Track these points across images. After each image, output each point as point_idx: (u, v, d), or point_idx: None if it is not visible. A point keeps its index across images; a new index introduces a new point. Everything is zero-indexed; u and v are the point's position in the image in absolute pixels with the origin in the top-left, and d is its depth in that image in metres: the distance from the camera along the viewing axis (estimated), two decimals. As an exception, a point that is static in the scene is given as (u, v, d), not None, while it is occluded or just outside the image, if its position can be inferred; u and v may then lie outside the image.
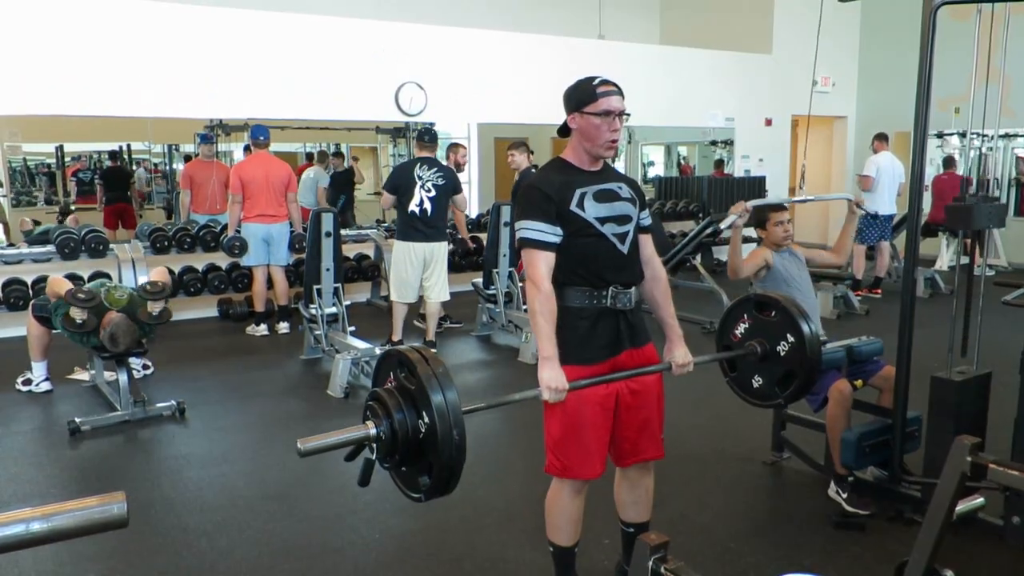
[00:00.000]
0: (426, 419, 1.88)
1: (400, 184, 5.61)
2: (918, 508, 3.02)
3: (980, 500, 2.18)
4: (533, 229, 2.28)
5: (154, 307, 4.43)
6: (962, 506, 2.03)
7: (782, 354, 2.68)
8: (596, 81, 2.35)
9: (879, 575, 2.68)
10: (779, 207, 3.74)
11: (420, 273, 5.74)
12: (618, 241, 2.37)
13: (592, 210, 2.33)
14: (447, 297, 5.99)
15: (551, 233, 2.28)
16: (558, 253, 2.30)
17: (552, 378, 2.21)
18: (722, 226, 3.57)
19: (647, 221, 2.49)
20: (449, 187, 5.68)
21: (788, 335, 2.66)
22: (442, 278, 5.87)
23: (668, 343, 2.54)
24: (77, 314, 4.32)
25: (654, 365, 2.46)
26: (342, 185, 9.48)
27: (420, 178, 5.58)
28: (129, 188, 9.32)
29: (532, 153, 6.43)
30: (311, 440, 1.87)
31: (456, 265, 7.50)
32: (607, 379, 2.34)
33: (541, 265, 2.28)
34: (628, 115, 2.39)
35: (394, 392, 1.96)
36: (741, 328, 2.81)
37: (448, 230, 6.06)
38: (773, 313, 2.72)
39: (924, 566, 1.98)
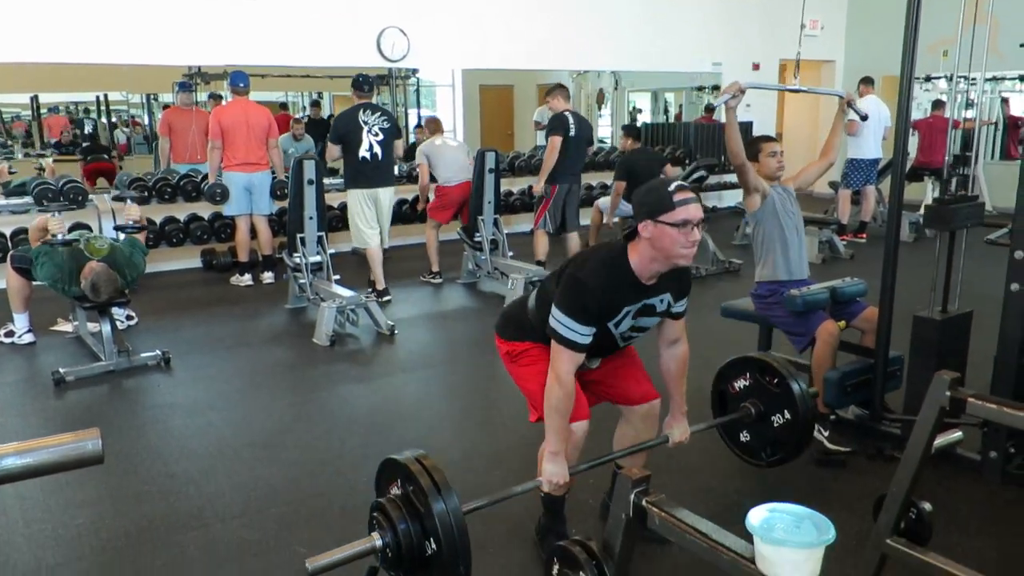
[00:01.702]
0: (433, 545, 1.94)
1: (346, 132, 5.67)
2: (898, 445, 3.06)
3: (958, 434, 2.22)
4: (569, 328, 2.20)
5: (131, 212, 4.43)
6: (940, 440, 2.06)
7: (775, 425, 2.79)
8: (672, 187, 2.17)
9: (859, 510, 2.72)
10: (770, 138, 3.69)
11: (375, 217, 5.88)
12: (621, 341, 2.39)
13: (624, 326, 2.32)
14: (386, 243, 6.16)
15: (587, 336, 2.22)
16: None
17: (555, 473, 2.30)
18: (715, 104, 3.51)
19: (680, 309, 2.44)
20: (394, 130, 5.83)
21: (785, 411, 2.76)
22: (385, 224, 6.03)
23: (671, 416, 2.60)
24: (56, 226, 4.28)
25: (647, 442, 2.57)
26: (323, 134, 9.36)
27: (366, 123, 5.65)
28: (110, 152, 9.20)
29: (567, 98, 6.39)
30: (320, 559, 1.93)
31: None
32: (599, 462, 2.51)
33: (568, 363, 2.23)
34: (706, 220, 2.26)
35: (399, 505, 2.02)
36: (741, 383, 2.90)
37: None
38: (775, 381, 2.80)
39: (902, 499, 2.02)
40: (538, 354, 2.41)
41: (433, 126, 6.73)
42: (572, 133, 6.04)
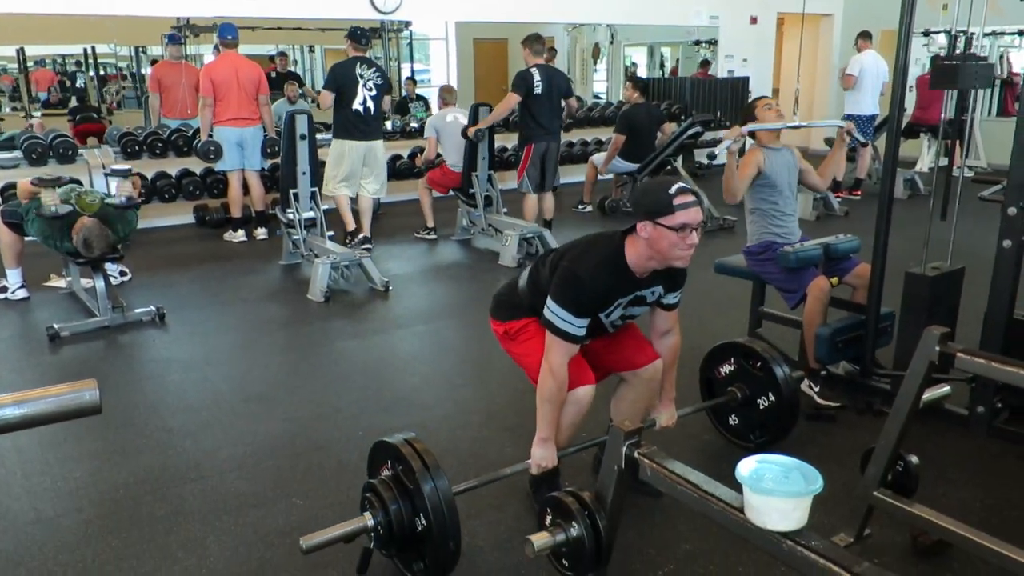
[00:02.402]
0: (423, 520, 1.99)
1: (343, 84, 5.73)
2: (888, 400, 3.09)
3: (946, 388, 2.25)
4: (563, 320, 2.21)
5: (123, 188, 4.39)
6: (929, 394, 2.09)
7: (761, 408, 2.84)
8: (672, 190, 2.14)
9: (848, 463, 2.77)
10: (762, 96, 3.70)
11: (360, 169, 5.95)
12: (611, 328, 2.42)
13: (614, 315, 2.34)
14: (383, 194, 6.31)
15: (580, 327, 2.23)
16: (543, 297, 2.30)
17: (544, 458, 2.36)
18: (716, 152, 3.50)
19: (673, 300, 2.45)
20: (386, 86, 5.96)
21: (769, 393, 2.80)
22: (381, 176, 6.13)
23: (659, 402, 2.62)
24: (50, 199, 4.22)
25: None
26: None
27: (362, 77, 5.73)
28: (99, 112, 9.07)
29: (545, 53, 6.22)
30: (313, 537, 1.99)
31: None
32: (586, 445, 2.55)
33: (562, 354, 2.24)
34: (705, 224, 2.25)
35: (391, 485, 2.07)
36: (726, 369, 2.95)
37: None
38: (759, 365, 2.84)
39: (890, 451, 2.05)
40: (535, 330, 2.43)
41: (447, 96, 6.57)
42: (539, 91, 5.76)
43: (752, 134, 3.55)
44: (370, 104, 5.77)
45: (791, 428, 2.89)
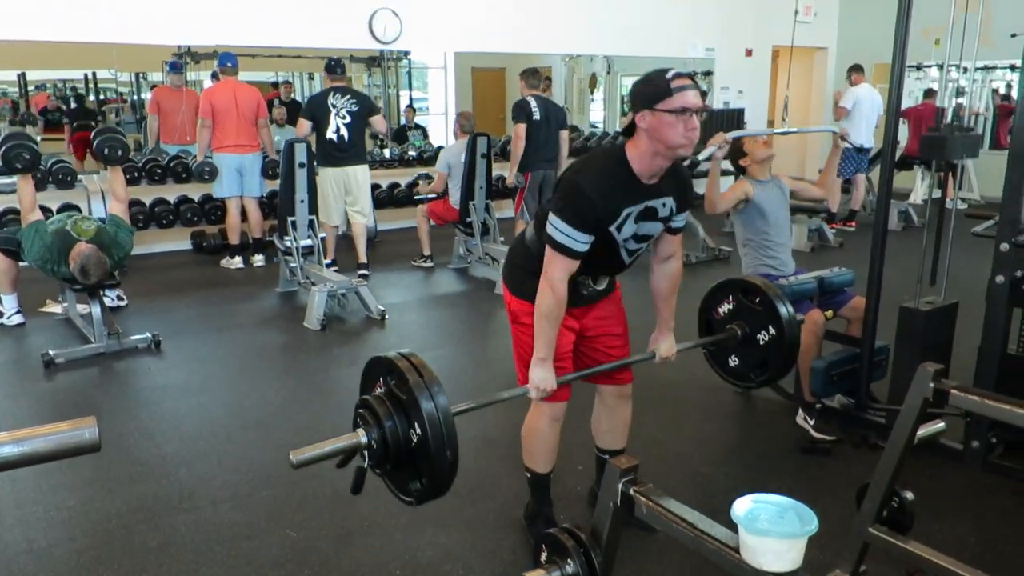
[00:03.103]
0: (418, 430, 1.90)
1: (315, 114, 5.91)
2: (883, 434, 3.10)
3: (940, 425, 2.25)
4: (565, 234, 2.13)
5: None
6: (923, 430, 2.09)
7: (761, 343, 2.74)
8: (670, 75, 2.08)
9: (844, 497, 2.76)
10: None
11: (342, 196, 6.05)
12: (627, 255, 2.32)
13: (627, 231, 2.22)
14: (370, 219, 6.38)
15: (583, 243, 2.15)
16: None
17: (543, 379, 2.25)
18: (700, 158, 3.53)
19: (680, 223, 2.38)
20: (363, 111, 6.00)
21: (770, 326, 2.71)
22: (364, 201, 6.21)
23: (657, 331, 2.57)
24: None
25: (634, 357, 2.53)
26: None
27: (334, 106, 5.88)
28: (95, 119, 9.09)
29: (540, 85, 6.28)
30: (303, 452, 1.88)
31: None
32: (589, 373, 2.44)
33: (562, 269, 2.17)
34: (707, 112, 2.20)
35: (384, 400, 1.96)
36: (725, 308, 2.85)
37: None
38: (757, 300, 2.75)
39: (885, 487, 2.05)
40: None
41: (464, 123, 6.41)
42: (536, 117, 5.88)
43: (743, 170, 3.60)
44: (343, 132, 5.92)
45: (792, 364, 2.79)
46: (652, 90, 2.09)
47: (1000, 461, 3.00)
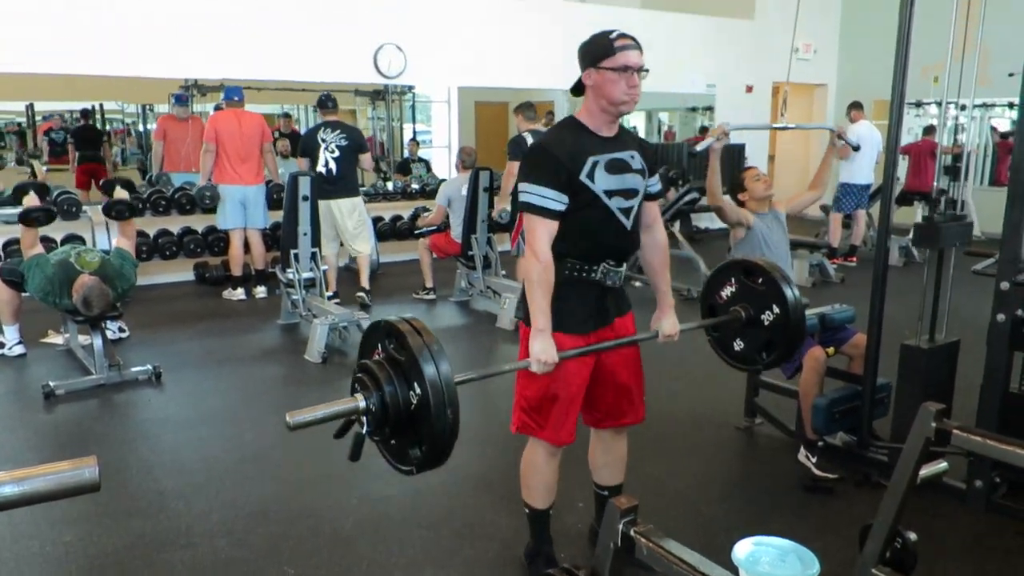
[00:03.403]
0: (418, 391, 1.84)
1: (306, 148, 6.12)
2: (885, 473, 3.08)
3: (943, 464, 2.23)
4: (538, 195, 2.17)
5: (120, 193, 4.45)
6: (926, 470, 2.08)
7: (766, 323, 2.66)
8: (613, 35, 2.18)
9: (846, 538, 2.74)
10: (749, 167, 3.79)
11: (333, 227, 6.17)
12: (623, 216, 2.30)
13: (602, 182, 2.23)
14: (366, 249, 6.46)
15: (557, 200, 2.17)
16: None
17: (543, 351, 2.18)
18: (698, 149, 3.56)
19: (655, 188, 2.41)
20: (353, 146, 6.13)
21: (774, 305, 2.64)
22: (359, 231, 6.33)
23: (658, 311, 2.54)
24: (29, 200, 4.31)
25: (638, 335, 2.46)
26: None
27: (323, 141, 6.04)
28: (101, 147, 9.18)
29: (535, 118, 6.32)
30: (300, 413, 1.81)
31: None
32: (595, 349, 2.33)
33: (543, 233, 2.18)
34: (647, 71, 2.22)
35: (384, 364, 1.90)
36: (727, 291, 2.77)
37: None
38: (760, 280, 2.69)
39: (888, 528, 2.04)
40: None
41: (466, 159, 6.43)
42: None
43: (742, 204, 3.62)
44: (332, 165, 6.06)
45: (799, 343, 2.73)
46: (596, 49, 2.20)
47: (1004, 501, 2.98)
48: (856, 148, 4.55)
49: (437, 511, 3.04)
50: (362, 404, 1.87)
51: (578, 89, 2.27)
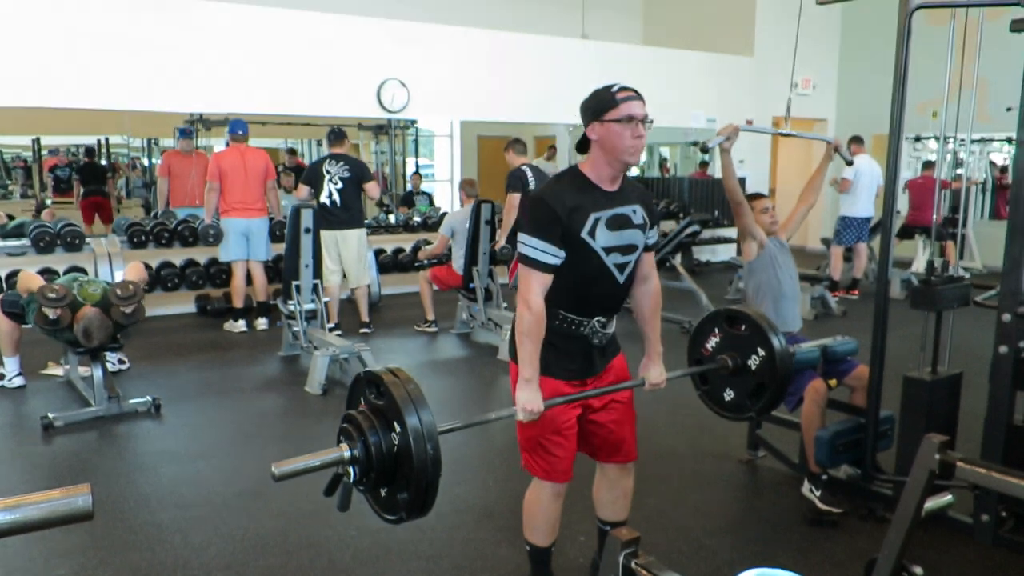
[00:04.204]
0: (400, 439, 1.87)
1: (310, 179, 6.21)
2: (890, 506, 3.05)
3: (949, 498, 2.21)
4: (535, 248, 2.18)
5: (126, 307, 4.37)
6: (931, 503, 2.06)
7: (753, 368, 2.67)
8: (615, 88, 2.21)
9: (851, 572, 2.70)
10: (760, 195, 3.75)
11: (336, 258, 6.22)
12: (618, 271, 2.31)
13: (602, 239, 2.24)
14: (366, 281, 6.49)
15: (553, 255, 2.18)
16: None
17: (529, 400, 2.21)
18: (710, 145, 3.55)
19: (653, 239, 2.42)
20: (355, 178, 6.17)
21: (759, 349, 2.66)
22: (356, 264, 6.33)
23: (646, 358, 2.54)
24: (49, 312, 4.25)
25: (626, 382, 2.47)
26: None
27: (328, 172, 6.10)
28: (106, 183, 9.24)
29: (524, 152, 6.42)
30: (285, 464, 1.84)
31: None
32: (582, 396, 2.34)
33: (536, 285, 2.19)
34: (651, 122, 2.24)
35: (368, 413, 1.94)
36: (712, 342, 2.80)
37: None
38: (743, 327, 2.71)
39: (893, 563, 2.01)
40: (545, 394, 2.30)
41: (468, 189, 6.52)
42: (531, 187, 5.99)
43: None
44: (336, 197, 6.11)
45: (787, 386, 2.70)
46: (599, 103, 2.21)
47: (1011, 536, 2.94)
48: (850, 163, 4.57)
49: (437, 543, 3.01)
50: (347, 454, 1.90)
51: (583, 146, 2.27)
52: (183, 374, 5.36)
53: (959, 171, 7.31)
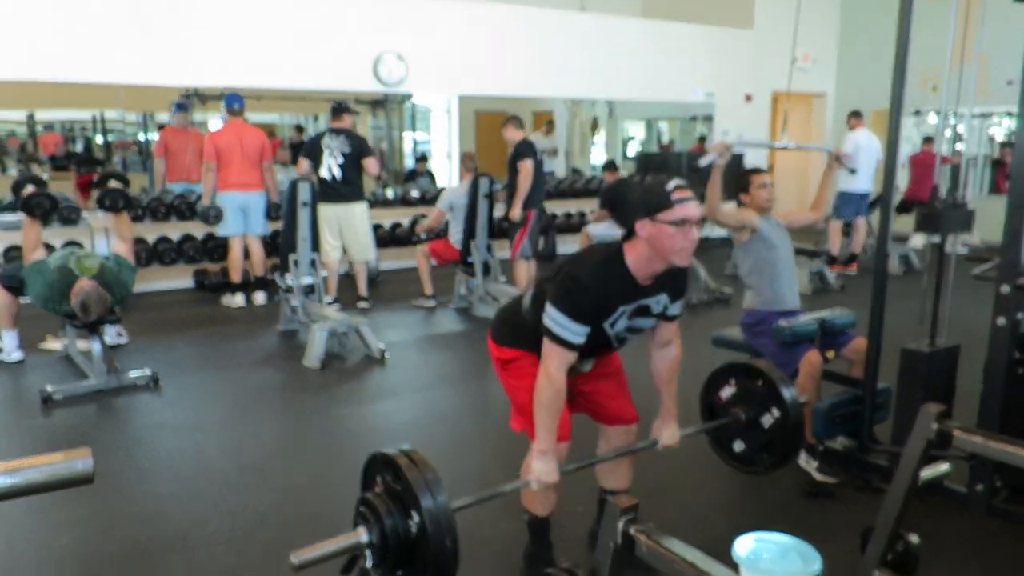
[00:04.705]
0: (416, 522, 1.89)
1: (310, 153, 6.17)
2: (886, 477, 3.07)
3: (945, 466, 2.23)
4: (563, 327, 2.16)
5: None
6: (927, 472, 2.07)
7: (765, 427, 2.73)
8: (671, 186, 2.12)
9: (847, 542, 2.72)
10: (760, 170, 3.72)
11: (337, 233, 6.20)
12: (617, 343, 2.36)
13: (620, 326, 2.27)
14: (369, 257, 6.51)
15: (580, 336, 2.17)
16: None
17: (544, 471, 2.24)
18: (701, 164, 3.55)
19: (676, 311, 2.40)
20: (356, 153, 6.14)
21: (773, 408, 2.70)
22: (359, 238, 6.31)
23: (660, 419, 2.57)
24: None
25: (638, 443, 2.56)
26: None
27: (328, 147, 6.08)
28: (102, 164, 9.19)
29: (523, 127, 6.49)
30: (304, 552, 1.85)
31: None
32: (588, 464, 2.47)
33: (560, 361, 2.19)
34: (705, 222, 2.19)
35: (384, 497, 1.96)
36: (727, 392, 2.85)
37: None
38: (760, 382, 2.75)
39: (889, 531, 2.03)
40: (528, 366, 2.38)
41: (468, 163, 6.53)
42: (538, 157, 6.23)
43: (743, 204, 3.60)
44: (335, 171, 6.09)
45: (800, 445, 2.79)
46: (652, 199, 2.12)
47: (1005, 505, 2.96)
48: (852, 171, 4.61)
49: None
50: (364, 538, 1.92)
51: (628, 234, 2.21)
52: (181, 348, 5.36)
53: (959, 146, 7.28)
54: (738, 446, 2.83)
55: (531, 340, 2.32)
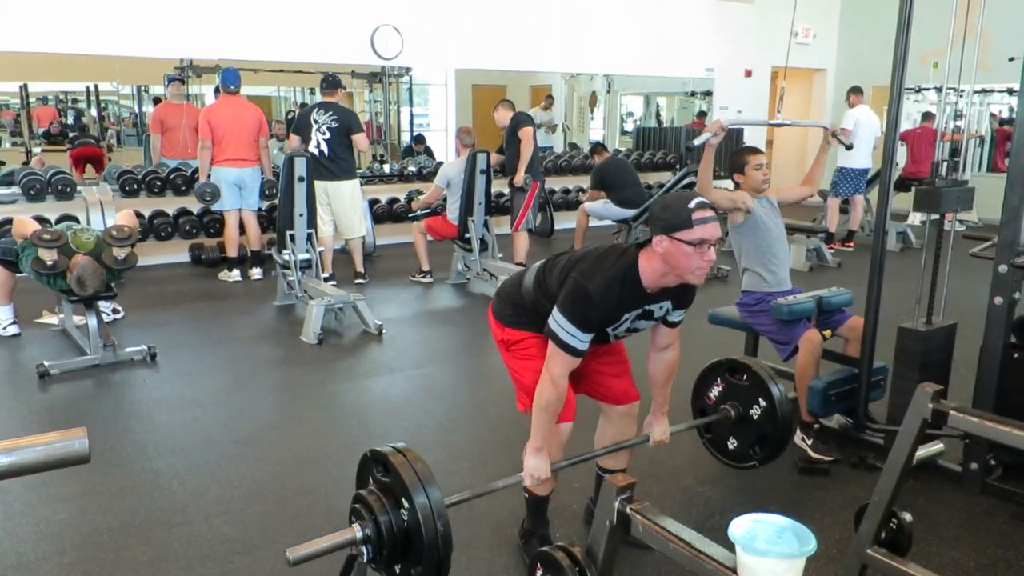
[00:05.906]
0: (409, 516, 1.91)
1: (299, 128, 6.14)
2: (881, 455, 3.08)
3: (939, 446, 2.24)
4: (569, 334, 2.17)
5: (119, 252, 4.35)
6: (922, 451, 2.08)
7: (755, 418, 2.79)
8: (692, 204, 2.10)
9: (841, 518, 2.75)
10: (756, 150, 3.67)
11: (329, 208, 6.16)
12: (613, 338, 2.39)
13: (621, 329, 2.31)
14: (362, 232, 6.48)
15: (586, 342, 2.19)
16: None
17: (537, 468, 2.28)
18: (695, 143, 3.54)
19: (677, 318, 2.42)
20: (343, 128, 6.06)
21: (760, 399, 2.77)
22: (347, 215, 6.25)
23: (651, 416, 2.60)
24: (47, 256, 4.23)
25: (631, 440, 2.58)
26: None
27: (316, 122, 6.02)
28: (97, 139, 9.13)
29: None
30: (299, 549, 1.87)
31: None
32: (581, 459, 2.48)
33: (564, 366, 2.20)
34: (723, 240, 2.17)
35: (377, 493, 1.99)
36: (715, 391, 2.91)
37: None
38: (745, 377, 2.82)
39: (883, 509, 2.04)
40: (534, 347, 2.39)
41: (465, 138, 6.39)
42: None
43: (738, 186, 3.59)
44: (323, 147, 6.03)
45: (790, 435, 2.84)
46: (672, 218, 2.11)
47: (999, 484, 2.98)
48: (848, 147, 4.59)
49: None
50: (359, 534, 1.95)
51: (644, 242, 2.22)
52: (178, 323, 5.35)
53: (959, 123, 7.25)
54: (731, 443, 2.91)
55: (533, 321, 2.34)
